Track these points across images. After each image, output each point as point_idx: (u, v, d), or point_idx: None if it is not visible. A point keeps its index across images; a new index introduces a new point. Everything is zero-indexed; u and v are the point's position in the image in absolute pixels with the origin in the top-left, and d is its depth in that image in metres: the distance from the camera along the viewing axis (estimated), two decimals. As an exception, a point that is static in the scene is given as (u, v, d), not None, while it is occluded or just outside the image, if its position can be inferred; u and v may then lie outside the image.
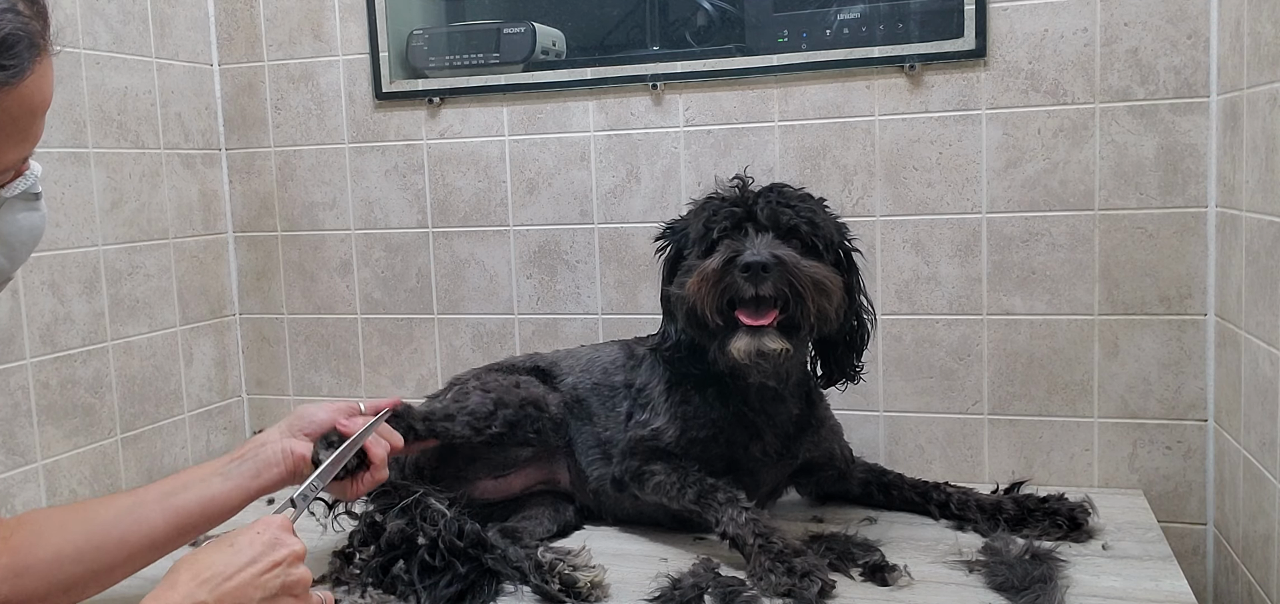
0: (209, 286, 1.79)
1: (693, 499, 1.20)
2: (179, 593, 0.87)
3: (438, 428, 1.26)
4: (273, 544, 0.92)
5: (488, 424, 1.28)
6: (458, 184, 1.71)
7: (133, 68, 1.62)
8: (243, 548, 0.91)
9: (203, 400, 1.77)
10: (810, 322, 1.14)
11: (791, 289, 1.12)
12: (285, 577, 0.92)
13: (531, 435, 1.30)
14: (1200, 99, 1.38)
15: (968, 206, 1.48)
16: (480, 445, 1.29)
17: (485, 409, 1.28)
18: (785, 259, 1.13)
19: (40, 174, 0.93)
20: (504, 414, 1.28)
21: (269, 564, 0.91)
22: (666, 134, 1.60)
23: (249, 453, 1.11)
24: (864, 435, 1.55)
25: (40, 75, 0.82)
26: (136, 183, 1.63)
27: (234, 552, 0.91)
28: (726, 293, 1.14)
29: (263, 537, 0.93)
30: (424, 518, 1.14)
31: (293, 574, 0.93)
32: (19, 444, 1.43)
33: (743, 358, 1.15)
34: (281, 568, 0.92)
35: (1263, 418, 1.21)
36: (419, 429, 1.24)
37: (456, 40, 1.68)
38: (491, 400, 1.29)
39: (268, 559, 0.91)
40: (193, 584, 0.87)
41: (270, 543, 0.92)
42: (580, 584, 1.11)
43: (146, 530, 1.03)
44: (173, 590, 0.87)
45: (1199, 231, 1.40)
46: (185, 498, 1.06)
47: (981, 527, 1.27)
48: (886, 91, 1.50)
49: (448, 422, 1.27)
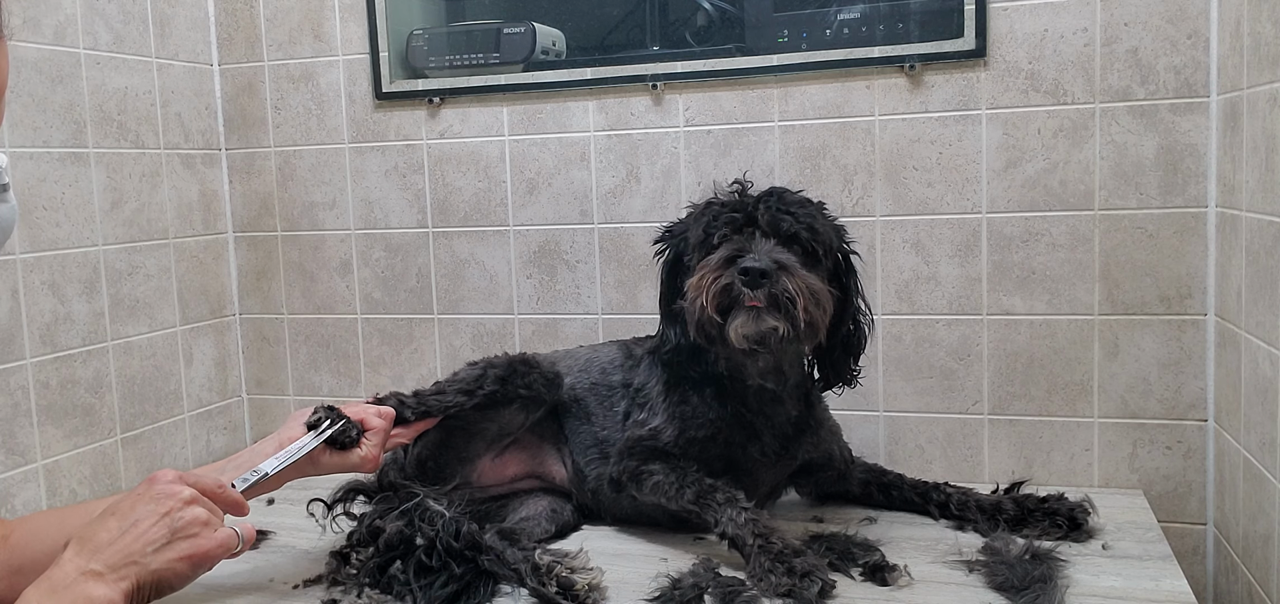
0: (209, 286, 1.79)
1: (691, 499, 1.20)
2: (66, 569, 0.90)
3: (429, 403, 1.28)
4: (157, 497, 0.96)
5: (479, 385, 1.30)
6: (458, 184, 1.71)
7: (133, 68, 1.62)
8: (124, 511, 0.95)
9: (203, 400, 1.77)
10: (800, 329, 1.14)
11: (787, 295, 1.12)
12: (173, 523, 0.95)
13: (522, 389, 1.31)
14: (1200, 99, 1.38)
15: (968, 206, 1.48)
16: (474, 413, 1.30)
17: (474, 374, 1.31)
18: (785, 264, 1.13)
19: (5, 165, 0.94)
20: (493, 373, 1.30)
21: (154, 518, 0.94)
22: (666, 134, 1.60)
23: (243, 457, 1.14)
24: (864, 435, 1.55)
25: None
26: (136, 183, 1.63)
27: (117, 517, 0.95)
28: (727, 291, 1.14)
29: (146, 494, 0.97)
30: (423, 519, 1.14)
31: (182, 517, 0.96)
32: (19, 444, 1.43)
33: (741, 342, 1.14)
34: (168, 517, 0.95)
35: (1263, 418, 1.21)
36: (411, 405, 1.27)
37: (456, 40, 1.68)
38: (480, 366, 1.32)
39: (153, 512, 0.95)
40: (79, 558, 0.91)
41: (154, 496, 0.96)
42: (577, 587, 1.10)
43: None
44: (60, 568, 0.91)
45: (1199, 231, 1.40)
46: None
47: (981, 527, 1.27)
48: (886, 91, 1.50)
49: (439, 395, 1.29)
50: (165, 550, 0.94)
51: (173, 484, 0.98)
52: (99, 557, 0.91)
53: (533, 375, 1.33)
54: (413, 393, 1.29)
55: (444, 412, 1.29)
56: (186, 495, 0.97)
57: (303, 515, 1.26)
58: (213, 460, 1.77)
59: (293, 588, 1.18)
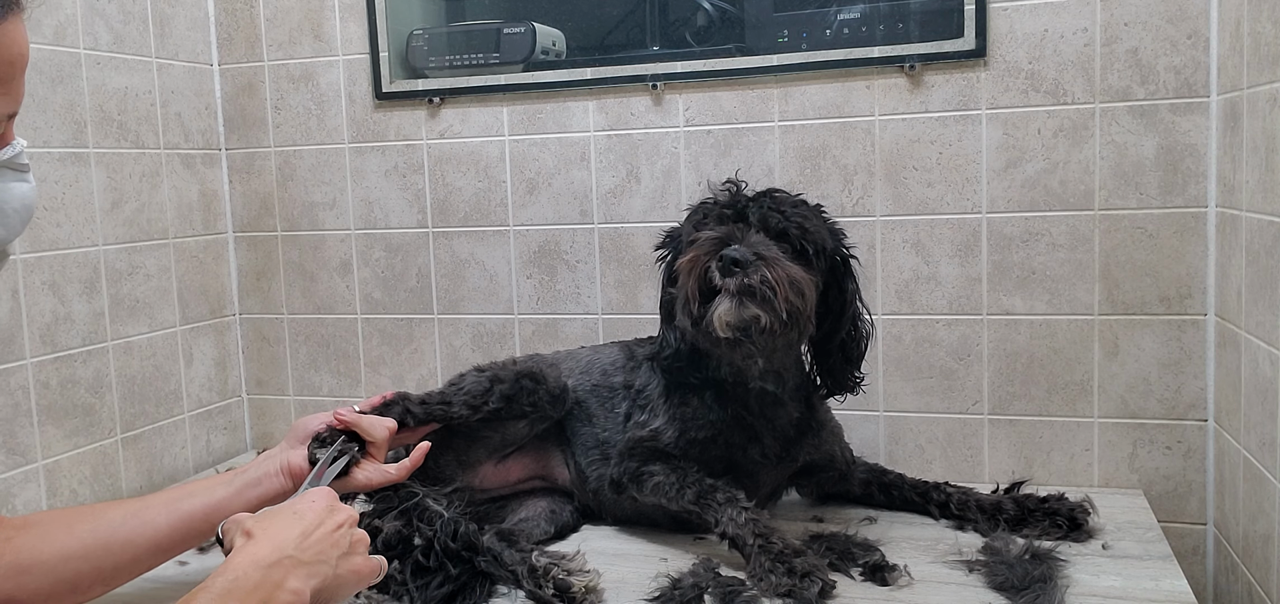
0: (209, 286, 1.79)
1: (692, 500, 1.20)
2: (265, 549, 0.87)
3: (434, 411, 1.27)
4: (331, 509, 0.94)
5: (485, 400, 1.29)
6: (458, 184, 1.71)
7: (133, 68, 1.62)
8: (305, 513, 0.93)
9: (203, 400, 1.77)
10: (781, 319, 1.14)
11: (765, 284, 1.12)
12: (351, 535, 0.94)
13: (528, 407, 1.31)
14: (1200, 99, 1.38)
15: (968, 206, 1.48)
16: (479, 424, 1.30)
17: (481, 387, 1.30)
18: (766, 255, 1.13)
19: (25, 147, 0.94)
20: (500, 389, 1.29)
21: (335, 525, 0.93)
22: (666, 134, 1.60)
23: (252, 465, 1.14)
24: (864, 435, 1.55)
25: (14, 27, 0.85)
26: (136, 183, 1.63)
27: (298, 517, 0.92)
28: (708, 275, 1.14)
29: (319, 504, 0.94)
30: (421, 519, 1.14)
31: (356, 533, 0.95)
32: (19, 444, 1.43)
33: (723, 330, 1.14)
34: (345, 528, 0.94)
35: (1263, 418, 1.21)
36: (416, 412, 1.26)
37: (456, 40, 1.68)
38: (487, 378, 1.31)
39: (333, 521, 0.93)
40: (273, 542, 0.88)
41: (328, 508, 0.94)
42: (574, 589, 1.09)
43: (151, 534, 1.05)
44: (256, 547, 0.87)
45: (1199, 231, 1.40)
46: (191, 504, 1.08)
47: (981, 527, 1.27)
48: (886, 91, 1.50)
49: (444, 405, 1.28)
50: (346, 559, 0.92)
51: (338, 501, 0.97)
52: (292, 548, 0.88)
53: (539, 392, 1.32)
54: (419, 399, 1.27)
55: (448, 422, 1.28)
56: (354, 514, 0.97)
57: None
58: (213, 461, 1.78)
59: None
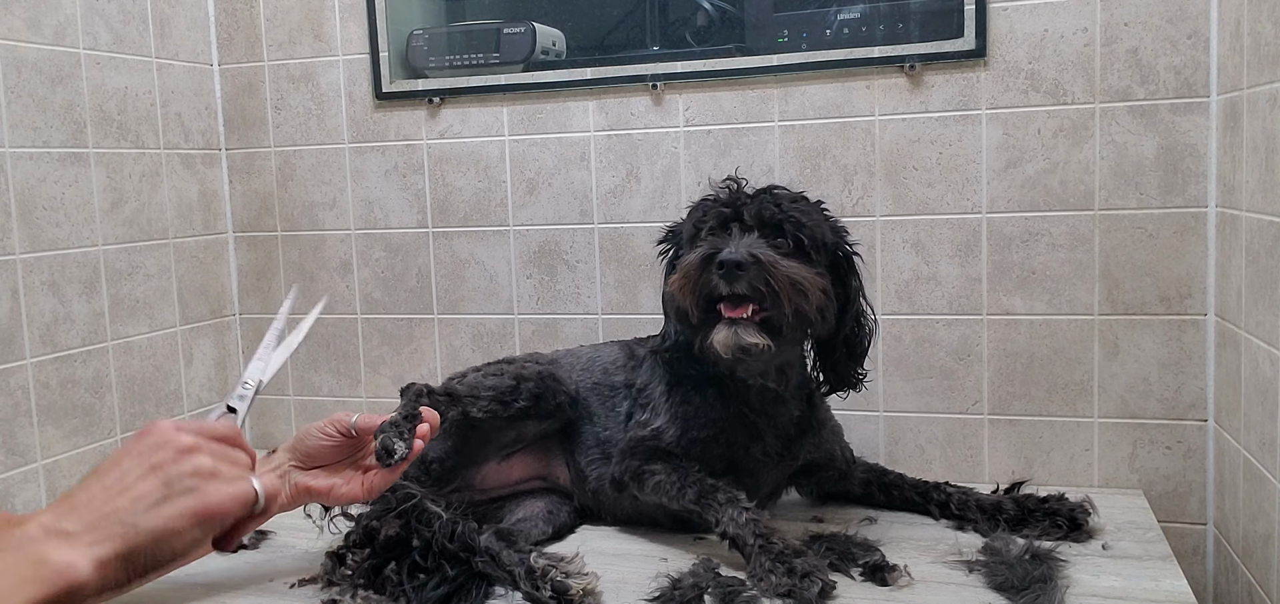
0: (209, 286, 1.79)
1: (692, 499, 1.20)
2: (30, 527, 0.78)
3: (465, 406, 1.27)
4: (147, 449, 0.83)
5: (513, 399, 1.29)
6: (458, 184, 1.71)
7: (133, 68, 1.62)
8: (108, 467, 0.83)
9: (203, 400, 1.77)
10: (787, 320, 1.14)
11: (768, 287, 1.12)
12: (168, 476, 0.82)
13: (553, 408, 1.32)
14: (1200, 99, 1.38)
15: (968, 206, 1.48)
16: (504, 422, 1.30)
17: (506, 385, 1.30)
18: (762, 258, 1.13)
19: None
20: (527, 389, 1.30)
21: (142, 470, 0.82)
22: (666, 134, 1.60)
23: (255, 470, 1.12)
24: (864, 435, 1.55)
25: None
26: (136, 183, 1.63)
27: (99, 474, 0.82)
28: (704, 288, 1.14)
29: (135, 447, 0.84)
30: (419, 521, 1.14)
31: (178, 469, 0.83)
32: (19, 444, 1.43)
33: (723, 351, 1.15)
34: (160, 470, 0.82)
35: (1263, 418, 1.21)
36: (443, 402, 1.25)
37: (456, 40, 1.68)
38: (511, 377, 1.31)
39: (141, 465, 0.82)
40: (48, 515, 0.79)
41: (144, 449, 0.83)
42: (572, 592, 1.09)
43: None
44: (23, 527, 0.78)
45: (1199, 231, 1.40)
46: None
47: (981, 527, 1.27)
48: (886, 91, 1.50)
49: (474, 399, 1.28)
50: (160, 508, 0.80)
51: (169, 433, 0.84)
52: (73, 516, 0.78)
53: (561, 394, 1.33)
54: (444, 391, 1.27)
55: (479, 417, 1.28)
56: (184, 444, 0.84)
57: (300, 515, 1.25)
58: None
59: (289, 587, 1.18)
